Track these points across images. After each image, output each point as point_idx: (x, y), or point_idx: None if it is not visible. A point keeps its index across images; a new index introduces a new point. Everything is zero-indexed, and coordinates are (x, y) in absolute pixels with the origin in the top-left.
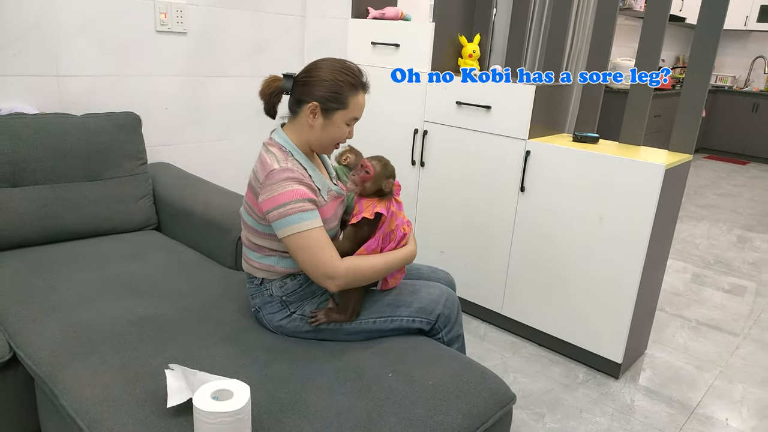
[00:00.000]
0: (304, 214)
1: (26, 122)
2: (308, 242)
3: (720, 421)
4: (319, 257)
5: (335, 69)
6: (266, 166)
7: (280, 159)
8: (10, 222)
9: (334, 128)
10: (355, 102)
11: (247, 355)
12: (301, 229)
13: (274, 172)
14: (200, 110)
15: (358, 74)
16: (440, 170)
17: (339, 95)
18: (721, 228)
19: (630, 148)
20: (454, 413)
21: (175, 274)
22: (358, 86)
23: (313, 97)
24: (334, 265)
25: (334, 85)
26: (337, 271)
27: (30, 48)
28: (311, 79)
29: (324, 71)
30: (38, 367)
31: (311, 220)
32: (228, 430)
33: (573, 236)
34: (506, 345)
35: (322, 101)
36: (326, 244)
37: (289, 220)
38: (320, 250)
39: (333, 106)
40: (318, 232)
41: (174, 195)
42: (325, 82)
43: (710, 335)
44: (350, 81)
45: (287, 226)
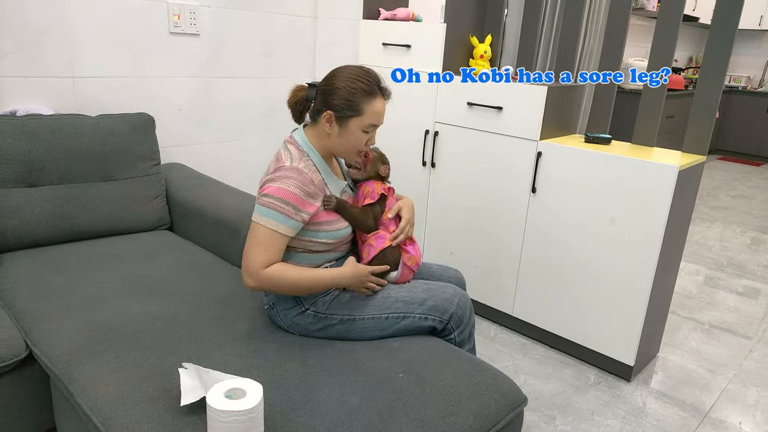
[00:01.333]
0: (280, 215)
1: (42, 123)
2: (261, 237)
3: (733, 425)
4: (256, 254)
5: (350, 76)
6: (280, 161)
7: (295, 158)
8: (27, 222)
9: (350, 136)
10: (371, 109)
11: (260, 354)
12: (267, 225)
13: (284, 168)
14: (212, 111)
15: (373, 80)
16: (451, 171)
17: (352, 102)
18: (734, 230)
19: (643, 149)
20: (466, 414)
21: (188, 273)
22: (374, 93)
23: (328, 105)
24: (259, 267)
25: (347, 93)
26: (258, 273)
27: (46, 50)
28: (327, 88)
29: (338, 79)
30: (54, 365)
31: (284, 225)
32: (241, 429)
33: (585, 238)
34: (517, 346)
35: (336, 109)
36: (274, 249)
37: (265, 211)
38: (262, 249)
39: (347, 113)
40: (278, 238)
41: (186, 195)
42: (338, 90)
43: (723, 338)
44: (363, 88)
45: (261, 215)
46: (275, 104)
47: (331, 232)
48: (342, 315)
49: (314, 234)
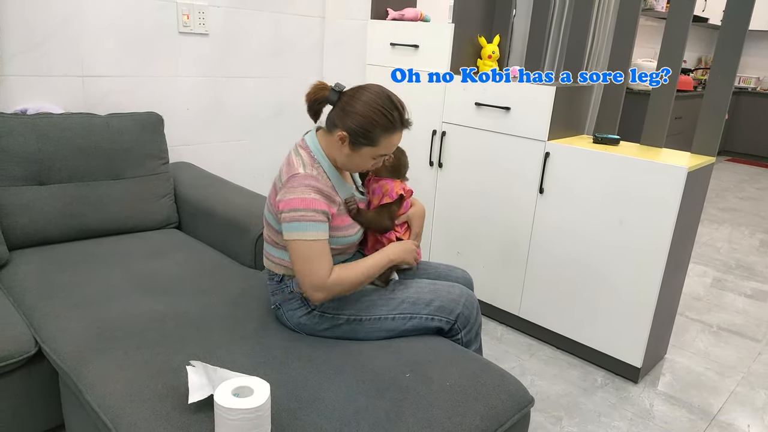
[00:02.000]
0: (314, 224)
1: (52, 122)
2: (309, 252)
3: (741, 428)
4: (317, 268)
5: (374, 106)
6: (292, 168)
7: (307, 164)
8: (36, 220)
9: (360, 159)
10: (387, 141)
11: (267, 353)
12: (306, 238)
13: (298, 176)
14: (220, 111)
15: (396, 116)
16: (458, 171)
17: (370, 134)
18: (743, 232)
19: (651, 150)
20: (472, 415)
21: (196, 272)
22: (394, 128)
23: (345, 126)
24: (324, 278)
25: (367, 123)
26: (326, 284)
27: (56, 49)
28: (349, 108)
29: (362, 105)
30: (63, 362)
31: (318, 231)
32: (248, 427)
33: (592, 239)
34: (523, 347)
35: (351, 134)
36: (326, 256)
37: (299, 226)
38: (319, 261)
39: (362, 141)
40: (320, 245)
41: (195, 194)
42: (359, 116)
43: (732, 340)
44: (384, 124)
45: (295, 231)
46: (284, 104)
47: (341, 239)
48: (348, 315)
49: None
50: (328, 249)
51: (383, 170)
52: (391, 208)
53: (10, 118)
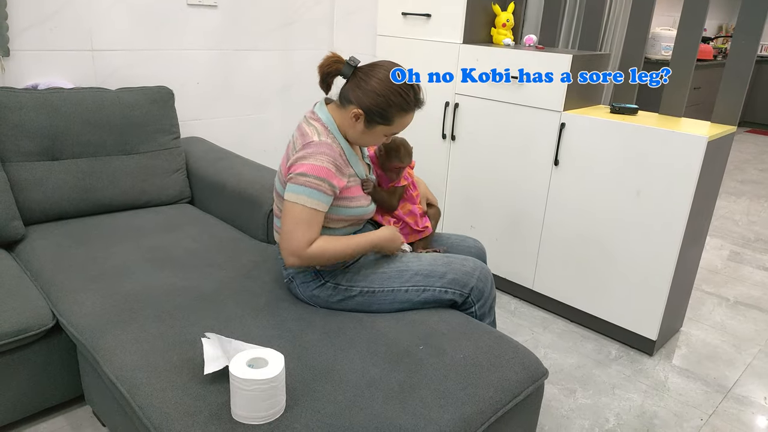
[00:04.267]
0: (320, 193)
1: (63, 96)
2: (302, 216)
3: (758, 401)
4: (301, 234)
5: (391, 85)
6: (306, 137)
7: (321, 133)
8: (50, 195)
9: (372, 137)
10: (401, 121)
11: (281, 326)
12: (307, 204)
13: (314, 143)
14: (231, 84)
15: (411, 95)
16: (471, 144)
17: (386, 113)
18: (762, 204)
19: (670, 120)
20: (485, 386)
21: (210, 246)
22: (410, 108)
23: (361, 104)
24: (304, 247)
25: (384, 103)
26: (304, 253)
27: (66, 23)
28: (365, 86)
29: (378, 83)
30: (80, 334)
31: (318, 201)
32: (263, 397)
33: (608, 211)
34: (537, 320)
35: (367, 112)
36: (314, 227)
37: (303, 190)
38: (305, 228)
39: (377, 120)
40: (318, 215)
41: (207, 169)
42: (376, 96)
43: (749, 314)
44: (400, 103)
45: (298, 194)
46: (294, 77)
47: (352, 209)
48: (361, 287)
49: (335, 210)
50: (319, 221)
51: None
52: (402, 190)
53: (21, 94)
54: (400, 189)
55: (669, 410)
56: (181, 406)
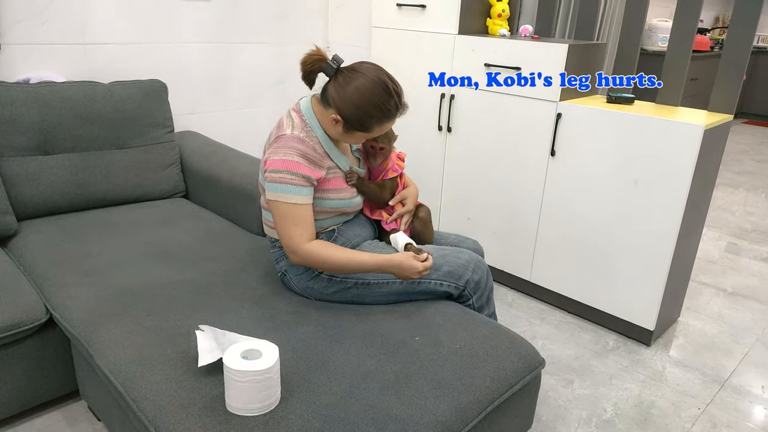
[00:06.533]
0: (294, 187)
1: (55, 90)
2: (286, 214)
3: (755, 389)
4: (291, 231)
5: (370, 97)
6: (280, 128)
7: (296, 126)
8: (43, 190)
9: (352, 139)
10: (380, 128)
11: (275, 318)
12: (286, 200)
13: (285, 137)
14: (224, 78)
15: (392, 105)
16: (468, 135)
17: (364, 123)
18: (759, 195)
19: (667, 109)
20: (482, 376)
21: (204, 240)
22: (389, 117)
23: (340, 112)
24: (298, 243)
25: (362, 114)
26: (300, 249)
27: (57, 17)
28: (343, 94)
29: (357, 94)
30: (74, 328)
31: (299, 196)
32: (257, 389)
33: (605, 201)
34: (534, 312)
35: (345, 120)
36: (303, 222)
37: (280, 187)
38: (294, 225)
39: (355, 127)
40: (300, 209)
41: (201, 163)
42: (354, 107)
43: (746, 304)
44: (379, 117)
45: (276, 192)
46: (288, 71)
47: (334, 201)
48: (356, 278)
49: (317, 201)
50: (307, 214)
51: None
52: (393, 183)
53: (13, 88)
54: (390, 182)
55: (667, 400)
56: (175, 399)
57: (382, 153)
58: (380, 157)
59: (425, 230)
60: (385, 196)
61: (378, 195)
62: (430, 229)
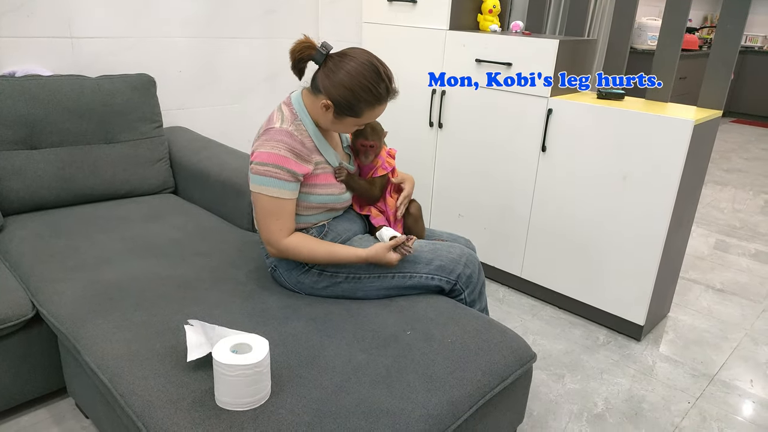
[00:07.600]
0: (279, 181)
1: (41, 84)
2: (268, 207)
3: (744, 383)
4: (271, 224)
5: (360, 79)
6: (270, 122)
7: (286, 120)
8: (29, 184)
9: (344, 126)
10: (371, 113)
11: (266, 313)
12: (269, 194)
13: (273, 130)
14: (214, 73)
15: (382, 88)
16: (459, 131)
17: (354, 107)
18: (747, 192)
19: (657, 105)
20: (473, 370)
21: (194, 235)
22: (380, 101)
23: (330, 96)
24: (278, 237)
25: (352, 97)
26: (279, 244)
27: (43, 9)
28: (334, 77)
29: (347, 76)
30: (61, 324)
31: (282, 190)
32: (247, 383)
33: (596, 196)
34: (525, 308)
35: (336, 104)
36: (283, 216)
37: (263, 180)
38: (275, 219)
39: (346, 112)
40: (283, 203)
41: (190, 158)
42: (344, 90)
43: (735, 299)
44: (369, 99)
45: (260, 185)
46: (279, 66)
47: (321, 196)
48: (347, 273)
49: (304, 196)
50: (290, 209)
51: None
52: (383, 180)
53: None
54: (380, 179)
55: (657, 394)
56: (164, 394)
57: (372, 150)
58: (371, 154)
59: (416, 226)
60: (374, 193)
61: (368, 192)
62: (421, 224)
